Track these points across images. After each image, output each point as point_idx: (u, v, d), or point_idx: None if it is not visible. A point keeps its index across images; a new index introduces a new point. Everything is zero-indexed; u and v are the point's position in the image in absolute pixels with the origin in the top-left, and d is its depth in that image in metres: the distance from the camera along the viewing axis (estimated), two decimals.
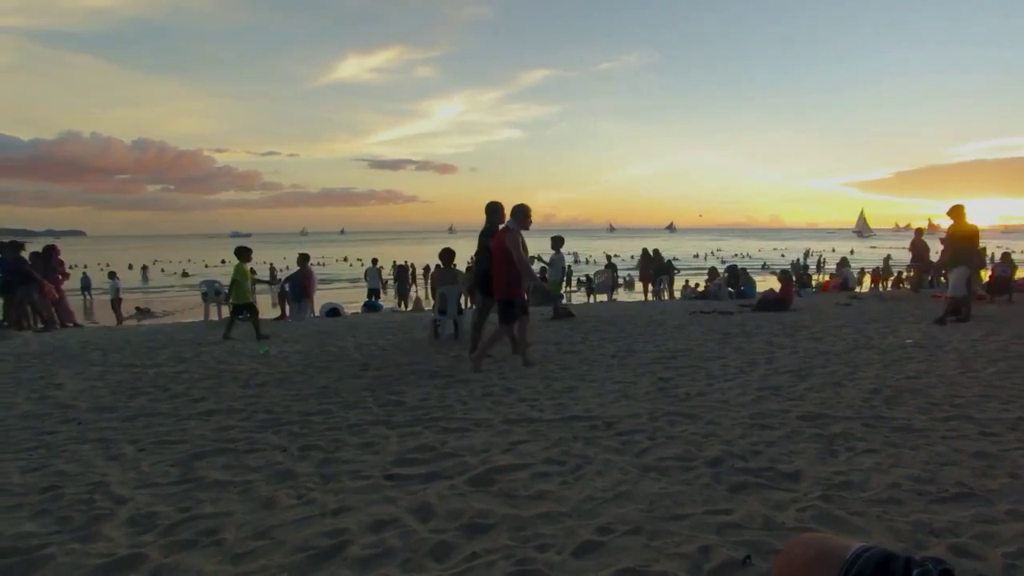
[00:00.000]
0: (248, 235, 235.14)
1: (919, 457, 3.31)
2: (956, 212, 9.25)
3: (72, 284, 14.92)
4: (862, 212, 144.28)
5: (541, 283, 7.07)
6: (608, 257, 32.28)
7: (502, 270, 6.22)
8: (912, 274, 16.79)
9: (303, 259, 13.92)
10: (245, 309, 9.79)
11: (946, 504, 2.73)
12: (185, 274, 45.57)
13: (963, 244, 9.24)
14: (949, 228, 9.39)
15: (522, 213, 6.34)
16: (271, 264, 34.43)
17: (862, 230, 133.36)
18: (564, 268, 12.38)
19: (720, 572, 2.20)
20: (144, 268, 48.48)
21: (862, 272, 25.50)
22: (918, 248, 15.30)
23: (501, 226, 6.52)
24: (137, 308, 20.46)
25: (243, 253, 9.83)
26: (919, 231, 15.80)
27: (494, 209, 6.78)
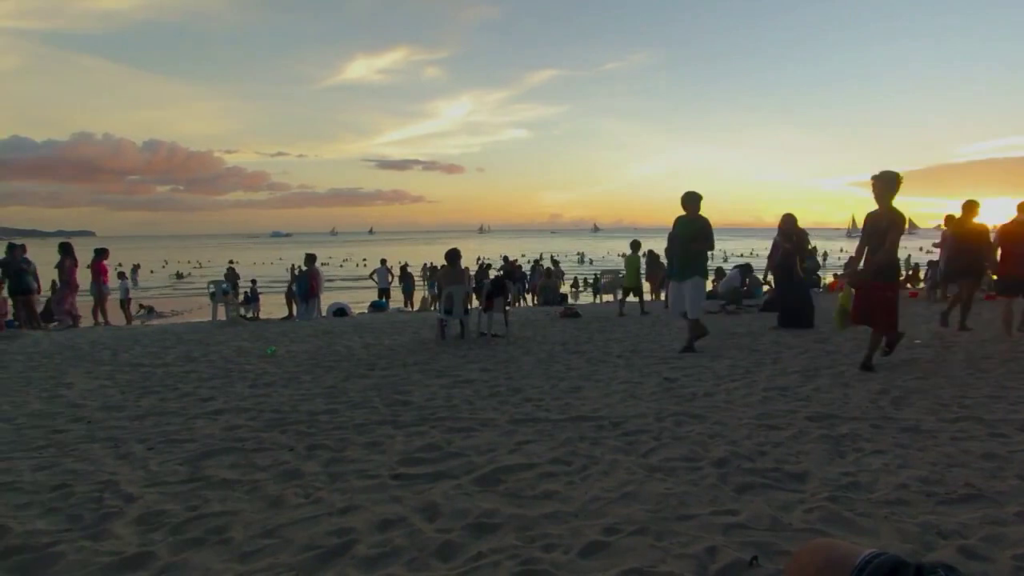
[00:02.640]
0: (288, 235, 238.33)
1: (927, 458, 3.29)
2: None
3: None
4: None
5: None
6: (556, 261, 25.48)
7: (1018, 254, 7.47)
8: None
9: (310, 259, 13.97)
10: (633, 290, 12.43)
11: (954, 506, 2.71)
12: (179, 275, 44.71)
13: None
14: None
15: None
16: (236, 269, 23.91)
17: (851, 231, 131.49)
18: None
19: (726, 573, 2.20)
20: (136, 270, 46.37)
21: None
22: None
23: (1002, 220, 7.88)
24: (141, 305, 20.58)
25: (636, 246, 12.61)
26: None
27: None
